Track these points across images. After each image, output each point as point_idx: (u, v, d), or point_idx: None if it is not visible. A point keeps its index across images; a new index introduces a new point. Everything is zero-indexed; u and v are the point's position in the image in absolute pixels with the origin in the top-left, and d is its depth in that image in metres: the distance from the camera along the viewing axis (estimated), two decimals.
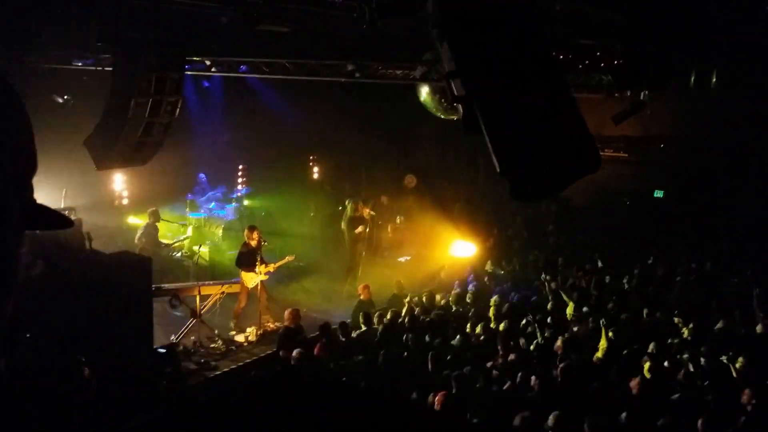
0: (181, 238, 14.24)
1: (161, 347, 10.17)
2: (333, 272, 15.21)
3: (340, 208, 16.29)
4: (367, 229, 14.73)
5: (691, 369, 8.37)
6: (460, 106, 3.63)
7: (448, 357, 9.02)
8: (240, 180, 17.14)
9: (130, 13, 9.67)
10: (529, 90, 3.51)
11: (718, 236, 14.89)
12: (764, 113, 14.70)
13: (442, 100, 11.85)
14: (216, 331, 11.33)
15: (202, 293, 11.29)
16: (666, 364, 8.56)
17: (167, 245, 13.98)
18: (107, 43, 10.33)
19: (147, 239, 13.31)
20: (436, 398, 7.47)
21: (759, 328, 9.78)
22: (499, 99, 3.53)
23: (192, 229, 14.40)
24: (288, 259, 12.69)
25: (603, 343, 9.22)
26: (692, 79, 11.74)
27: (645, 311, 10.57)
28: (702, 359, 8.57)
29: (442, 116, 12.94)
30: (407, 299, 11.56)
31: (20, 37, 10.91)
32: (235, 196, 16.81)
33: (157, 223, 13.48)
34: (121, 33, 9.90)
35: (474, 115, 3.50)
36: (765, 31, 9.84)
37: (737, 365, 8.22)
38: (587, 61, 12.39)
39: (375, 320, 10.71)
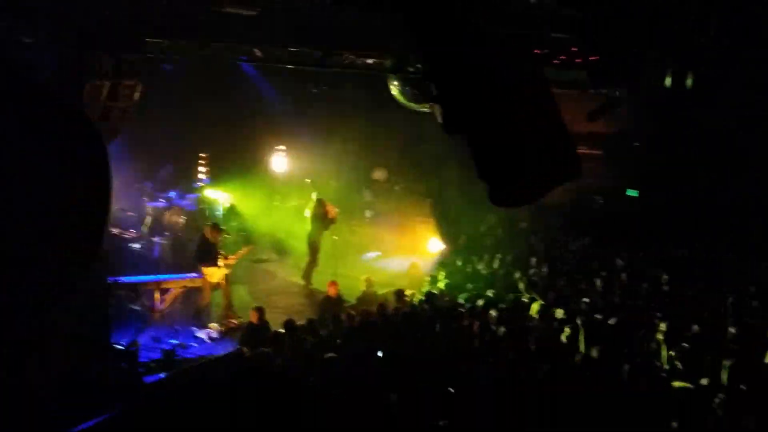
0: None
1: (118, 343, 9.77)
2: (298, 266, 14.85)
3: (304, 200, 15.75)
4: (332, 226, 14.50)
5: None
6: (438, 107, 3.41)
7: (425, 356, 8.69)
8: (202, 169, 16.52)
9: None
10: (510, 92, 3.44)
11: (693, 235, 14.79)
12: (735, 113, 14.68)
13: (416, 92, 11.42)
14: (176, 327, 10.95)
15: (161, 287, 10.89)
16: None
17: None
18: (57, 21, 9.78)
19: None
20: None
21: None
22: (480, 100, 3.40)
23: (151, 219, 13.84)
24: (244, 250, 12.37)
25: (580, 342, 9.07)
26: (667, 78, 11.62)
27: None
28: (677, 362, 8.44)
29: (416, 108, 12.53)
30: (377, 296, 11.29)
31: None
32: (197, 185, 16.20)
33: None
34: (71, 12, 9.37)
35: (454, 117, 3.28)
36: (740, 35, 9.71)
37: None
38: (562, 57, 12.14)
39: (344, 318, 10.37)
